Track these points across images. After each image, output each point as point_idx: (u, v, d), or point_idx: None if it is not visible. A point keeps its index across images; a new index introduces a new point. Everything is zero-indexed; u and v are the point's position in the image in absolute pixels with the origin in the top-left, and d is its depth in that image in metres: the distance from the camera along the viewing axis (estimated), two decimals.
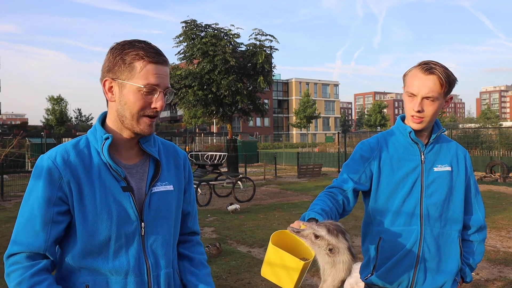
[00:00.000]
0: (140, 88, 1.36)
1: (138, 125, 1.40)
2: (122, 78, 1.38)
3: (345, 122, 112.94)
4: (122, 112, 1.40)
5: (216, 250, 6.12)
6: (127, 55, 1.37)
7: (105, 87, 1.41)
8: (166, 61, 1.42)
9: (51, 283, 1.34)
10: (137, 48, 1.38)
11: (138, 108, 1.38)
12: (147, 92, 1.37)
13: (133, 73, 1.36)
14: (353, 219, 8.45)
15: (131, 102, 1.38)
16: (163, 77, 1.39)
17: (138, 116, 1.39)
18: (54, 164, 1.36)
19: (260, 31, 17.02)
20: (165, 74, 1.40)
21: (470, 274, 1.99)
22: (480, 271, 5.42)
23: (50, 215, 1.34)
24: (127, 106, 1.38)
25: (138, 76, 1.36)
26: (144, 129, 1.41)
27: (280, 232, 1.45)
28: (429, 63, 1.81)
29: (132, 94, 1.37)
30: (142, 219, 1.43)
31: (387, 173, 1.90)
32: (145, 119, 1.40)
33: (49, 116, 49.50)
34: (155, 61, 1.37)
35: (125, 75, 1.37)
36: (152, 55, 1.37)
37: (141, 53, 1.37)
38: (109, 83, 1.41)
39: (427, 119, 1.84)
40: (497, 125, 61.97)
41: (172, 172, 1.56)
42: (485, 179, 16.15)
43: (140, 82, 1.36)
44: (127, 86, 1.37)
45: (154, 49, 1.39)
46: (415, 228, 1.87)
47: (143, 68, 1.36)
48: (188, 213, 1.66)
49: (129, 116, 1.39)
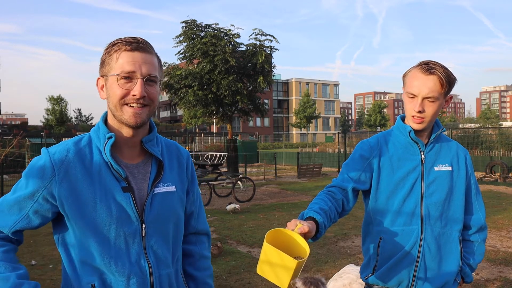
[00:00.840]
0: (116, 77, 1.37)
1: (123, 115, 1.39)
2: (105, 73, 1.40)
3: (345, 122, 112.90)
4: (110, 106, 1.41)
5: (217, 249, 6.11)
6: (110, 50, 1.39)
7: (98, 86, 1.44)
8: (144, 48, 1.39)
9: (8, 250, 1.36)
10: (118, 41, 1.39)
11: (118, 97, 1.38)
12: (123, 78, 1.36)
13: (112, 64, 1.38)
14: (353, 219, 8.45)
15: (112, 93, 1.39)
16: (140, 64, 1.37)
17: (120, 105, 1.39)
18: (50, 161, 1.36)
19: (260, 31, 17.03)
20: (143, 61, 1.38)
21: (471, 274, 1.99)
22: (480, 271, 5.41)
23: (28, 208, 1.37)
24: (110, 97, 1.40)
25: (116, 66, 1.37)
26: (128, 118, 1.39)
27: (275, 230, 1.45)
28: (429, 63, 1.80)
29: (113, 85, 1.38)
30: (143, 220, 1.42)
31: (387, 173, 1.90)
32: (127, 108, 1.38)
33: (49, 116, 49.45)
34: (129, 49, 1.37)
35: (107, 69, 1.39)
36: (127, 44, 1.37)
37: (118, 45, 1.38)
38: (100, 82, 1.44)
39: (427, 119, 1.83)
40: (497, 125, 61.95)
41: (175, 172, 1.55)
42: (485, 179, 16.14)
43: (116, 71, 1.37)
44: (109, 79, 1.39)
45: (133, 38, 1.39)
46: (416, 228, 1.86)
47: (119, 57, 1.37)
48: (191, 213, 1.64)
49: (113, 107, 1.40)
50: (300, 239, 1.44)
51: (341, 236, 7.38)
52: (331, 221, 1.76)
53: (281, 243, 1.43)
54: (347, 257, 6.13)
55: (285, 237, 1.46)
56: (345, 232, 7.65)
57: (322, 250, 6.44)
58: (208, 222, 7.03)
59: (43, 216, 1.39)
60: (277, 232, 1.45)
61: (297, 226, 1.46)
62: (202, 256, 1.66)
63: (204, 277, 1.65)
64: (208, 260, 1.70)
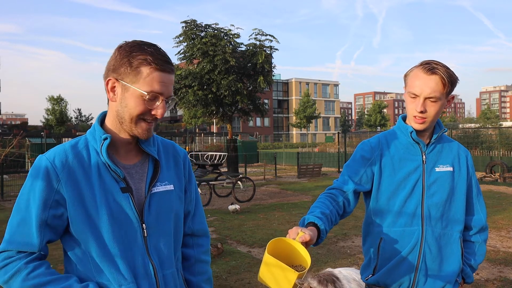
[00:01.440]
0: (143, 94, 1.35)
1: (136, 129, 1.39)
2: (126, 81, 1.36)
3: (345, 122, 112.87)
4: (121, 114, 1.39)
5: (216, 251, 6.11)
6: (134, 58, 1.34)
7: (108, 86, 1.39)
8: (173, 70, 1.40)
9: (48, 266, 1.34)
10: (146, 52, 1.35)
11: (138, 113, 1.37)
12: (149, 99, 1.35)
13: (138, 77, 1.34)
14: (353, 219, 8.44)
15: (132, 106, 1.36)
16: (167, 86, 1.38)
17: (137, 120, 1.38)
18: (52, 166, 1.34)
19: (260, 31, 17.03)
20: (170, 82, 1.39)
21: (472, 275, 1.98)
22: (480, 271, 5.41)
23: (45, 218, 1.33)
24: (127, 109, 1.37)
25: (144, 81, 1.34)
26: (141, 133, 1.40)
27: (277, 240, 1.45)
28: (431, 63, 1.79)
29: (134, 98, 1.36)
30: (143, 221, 1.41)
31: (388, 174, 1.89)
32: (143, 124, 1.39)
33: (49, 116, 49.45)
34: (162, 69, 1.36)
35: (130, 78, 1.35)
36: (160, 63, 1.35)
37: (149, 59, 1.34)
38: (112, 83, 1.39)
39: (429, 119, 1.83)
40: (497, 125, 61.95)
41: (172, 171, 1.54)
42: (485, 179, 16.15)
43: (144, 88, 1.34)
44: (131, 90, 1.36)
45: (163, 56, 1.37)
46: (416, 228, 1.86)
47: (149, 75, 1.34)
48: (188, 212, 1.63)
49: (128, 119, 1.38)
50: (301, 249, 1.43)
51: (341, 236, 7.38)
52: (332, 224, 1.76)
53: (283, 251, 1.43)
54: (347, 257, 6.13)
55: (286, 245, 1.46)
56: (345, 232, 7.65)
57: (322, 250, 6.44)
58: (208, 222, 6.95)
59: (61, 221, 1.36)
60: (279, 241, 1.45)
61: (298, 234, 1.45)
62: (198, 260, 1.64)
63: (199, 282, 1.62)
64: (206, 264, 1.67)
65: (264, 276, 1.41)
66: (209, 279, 1.67)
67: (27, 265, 1.30)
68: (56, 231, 1.36)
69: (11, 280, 1.30)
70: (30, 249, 1.32)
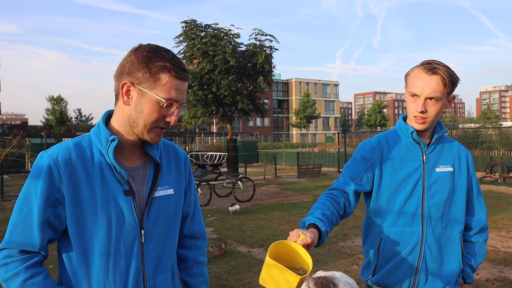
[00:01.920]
0: (161, 101, 1.35)
1: (148, 134, 1.39)
2: (144, 86, 1.35)
3: (345, 122, 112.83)
4: (135, 119, 1.38)
5: (219, 250, 6.12)
6: (153, 64, 1.34)
7: (123, 89, 1.37)
8: (189, 78, 1.42)
9: (46, 276, 1.33)
10: (164, 59, 1.35)
11: (153, 120, 1.37)
12: (166, 106, 1.36)
13: (158, 84, 1.34)
14: (353, 219, 8.44)
15: (147, 112, 1.36)
16: (183, 93, 1.39)
17: (151, 127, 1.38)
18: (55, 164, 1.33)
19: (260, 31, 17.03)
20: (185, 90, 1.40)
21: (472, 275, 1.98)
22: (480, 271, 5.41)
23: (47, 216, 1.32)
24: (143, 114, 1.37)
25: (162, 88, 1.34)
26: (154, 138, 1.41)
27: (278, 243, 1.45)
28: (432, 62, 1.79)
29: (151, 105, 1.36)
30: (142, 226, 1.40)
31: (388, 174, 1.89)
32: (156, 130, 1.40)
33: (49, 116, 49.41)
34: (180, 77, 1.37)
35: (148, 84, 1.35)
36: (178, 71, 1.36)
37: (168, 66, 1.35)
38: (127, 87, 1.37)
39: (430, 119, 1.82)
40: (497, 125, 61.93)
41: (173, 174, 1.53)
42: (485, 179, 16.14)
43: (162, 95, 1.34)
44: (148, 96, 1.35)
45: (181, 64, 1.38)
46: (417, 229, 1.85)
47: (168, 82, 1.35)
48: (187, 214, 1.62)
49: (142, 125, 1.38)
50: (303, 252, 1.43)
51: (341, 236, 7.38)
52: (333, 225, 1.75)
53: (284, 254, 1.44)
54: (347, 257, 6.12)
55: (287, 248, 1.46)
56: (345, 232, 7.65)
57: (322, 250, 6.43)
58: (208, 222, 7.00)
59: (61, 220, 1.35)
60: (280, 244, 1.45)
61: (299, 237, 1.45)
62: (196, 262, 1.64)
63: (197, 283, 1.63)
64: (203, 266, 1.67)
65: (266, 279, 1.41)
66: (206, 280, 1.67)
67: (27, 270, 1.30)
68: (56, 231, 1.36)
69: (10, 280, 1.30)
70: (31, 247, 1.32)
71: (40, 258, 1.35)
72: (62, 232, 1.37)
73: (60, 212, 1.34)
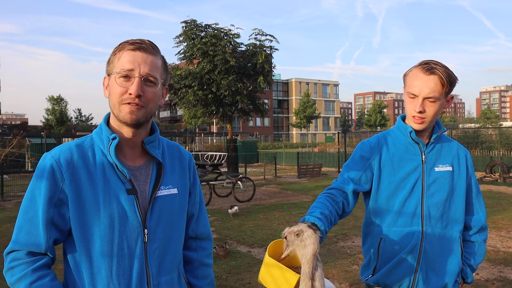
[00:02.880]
0: (116, 75, 1.37)
1: (120, 113, 1.39)
2: (109, 71, 1.41)
3: (345, 122, 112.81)
4: (110, 104, 1.42)
5: (223, 251, 6.11)
6: (115, 50, 1.40)
7: (104, 85, 1.44)
8: (147, 48, 1.39)
9: (53, 278, 1.33)
10: (124, 42, 1.41)
11: (117, 95, 1.38)
12: (122, 77, 1.37)
13: (114, 63, 1.39)
14: (353, 219, 8.44)
15: (112, 91, 1.39)
16: (139, 63, 1.37)
17: (119, 104, 1.38)
18: (57, 164, 1.34)
19: (260, 31, 17.01)
20: (142, 60, 1.38)
21: (472, 275, 1.98)
22: (480, 271, 5.41)
23: (51, 216, 1.32)
24: (111, 96, 1.40)
25: (117, 64, 1.38)
26: (125, 116, 1.38)
27: (277, 241, 1.45)
28: (430, 63, 1.79)
29: (113, 83, 1.39)
30: (145, 226, 1.39)
31: (387, 173, 1.89)
32: (125, 106, 1.38)
33: (49, 116, 49.38)
34: (131, 48, 1.38)
35: (110, 67, 1.41)
36: (131, 43, 1.39)
37: (123, 44, 1.40)
38: (106, 81, 1.44)
39: (428, 119, 1.82)
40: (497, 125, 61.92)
41: (177, 174, 1.53)
42: (485, 179, 16.14)
43: (116, 69, 1.38)
44: (111, 77, 1.40)
45: (138, 39, 1.41)
46: (416, 228, 1.85)
47: (121, 56, 1.38)
48: (192, 215, 1.61)
49: (112, 106, 1.40)
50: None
51: (341, 236, 7.38)
52: (332, 224, 1.76)
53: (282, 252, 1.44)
54: (347, 257, 6.13)
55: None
56: (345, 232, 7.65)
57: (322, 250, 6.43)
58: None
59: (65, 221, 1.35)
60: (278, 242, 1.45)
61: None
62: (201, 264, 1.63)
63: (203, 286, 1.62)
64: (209, 268, 1.66)
65: (264, 277, 1.41)
66: (212, 282, 1.66)
67: (33, 273, 1.30)
68: (61, 231, 1.36)
69: (17, 283, 1.30)
70: (37, 248, 1.32)
71: (47, 260, 1.35)
72: (67, 233, 1.37)
73: (64, 212, 1.34)
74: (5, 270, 1.34)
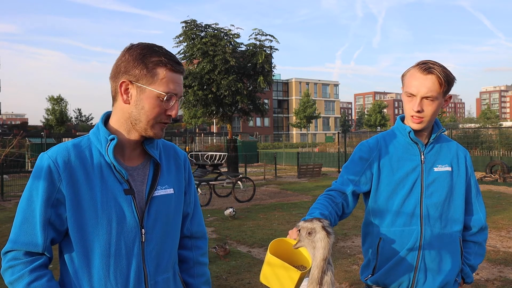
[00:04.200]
0: (160, 95, 1.37)
1: (152, 130, 1.41)
2: (142, 82, 1.37)
3: (345, 122, 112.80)
4: (137, 116, 1.39)
5: (223, 251, 6.11)
6: (148, 60, 1.36)
7: (121, 88, 1.39)
8: (184, 71, 1.45)
9: (50, 278, 1.34)
10: (159, 54, 1.38)
11: (155, 115, 1.39)
12: (166, 99, 1.38)
13: (155, 79, 1.36)
14: (353, 219, 8.45)
15: (149, 108, 1.38)
16: (180, 86, 1.42)
17: (154, 122, 1.40)
18: (54, 164, 1.34)
19: (260, 31, 17.02)
20: (181, 83, 1.44)
21: (471, 275, 1.98)
22: (480, 271, 5.41)
23: (48, 216, 1.33)
24: (144, 111, 1.38)
25: (160, 83, 1.37)
26: (158, 134, 1.42)
27: (278, 240, 1.46)
28: (427, 62, 1.80)
29: (152, 100, 1.37)
30: (142, 225, 1.40)
31: (386, 174, 1.90)
32: (160, 125, 1.42)
33: (49, 116, 49.37)
34: (176, 70, 1.39)
35: (145, 79, 1.36)
36: (174, 64, 1.39)
37: (164, 60, 1.37)
38: (125, 85, 1.38)
39: (426, 119, 1.83)
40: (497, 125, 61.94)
41: (173, 174, 1.54)
42: (485, 179, 16.14)
43: (161, 89, 1.37)
44: (147, 91, 1.37)
45: (175, 58, 1.42)
46: (415, 228, 1.86)
47: (166, 76, 1.37)
48: (187, 214, 1.62)
49: (145, 121, 1.39)
50: (302, 249, 1.44)
51: (341, 236, 7.38)
52: (332, 225, 1.76)
53: (284, 252, 1.44)
54: (347, 257, 6.13)
55: (287, 246, 1.47)
56: (345, 232, 7.65)
57: None
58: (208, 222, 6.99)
59: (62, 220, 1.35)
60: (280, 241, 1.46)
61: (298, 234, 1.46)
62: (197, 263, 1.64)
63: (198, 284, 1.63)
64: (204, 266, 1.67)
65: (267, 276, 1.41)
66: (207, 280, 1.67)
67: (31, 273, 1.31)
68: (58, 231, 1.36)
69: (14, 283, 1.31)
70: (34, 248, 1.33)
71: (45, 260, 1.36)
72: (63, 233, 1.37)
73: (61, 213, 1.34)
74: (2, 270, 1.35)
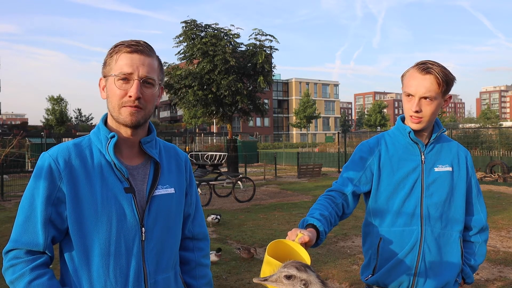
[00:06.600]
0: (115, 78, 1.39)
1: (120, 115, 1.41)
2: (106, 73, 1.42)
3: (345, 122, 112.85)
4: (109, 106, 1.43)
5: (247, 254, 5.92)
6: (111, 52, 1.42)
7: (100, 86, 1.46)
8: (143, 50, 1.41)
9: (51, 277, 1.34)
10: (120, 44, 1.42)
11: (117, 98, 1.39)
12: (121, 80, 1.38)
13: (112, 65, 1.40)
14: (353, 219, 8.44)
15: (111, 94, 1.41)
16: (137, 66, 1.39)
17: (119, 107, 1.40)
18: (55, 163, 1.35)
19: (260, 31, 17.03)
20: (140, 63, 1.40)
21: (472, 275, 1.98)
22: (480, 271, 5.41)
23: (49, 214, 1.33)
24: (110, 98, 1.42)
25: (115, 67, 1.39)
26: (126, 118, 1.40)
27: (277, 241, 1.46)
28: (426, 62, 1.80)
29: (111, 86, 1.40)
30: (143, 224, 1.41)
31: (387, 174, 1.90)
32: (125, 109, 1.40)
33: (49, 116, 49.38)
34: (129, 51, 1.40)
35: (107, 70, 1.42)
36: (127, 46, 1.40)
37: (119, 47, 1.41)
38: (102, 82, 1.45)
39: (426, 119, 1.83)
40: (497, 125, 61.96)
41: (173, 174, 1.54)
42: (485, 179, 16.14)
43: (114, 72, 1.39)
44: (109, 80, 1.41)
45: (134, 41, 1.42)
46: (416, 228, 1.86)
47: (118, 59, 1.39)
48: (188, 216, 1.63)
49: (112, 108, 1.42)
50: (301, 250, 1.44)
51: (341, 236, 7.38)
52: (332, 225, 1.76)
53: (282, 253, 1.44)
54: (347, 257, 6.13)
55: (286, 247, 1.46)
56: (345, 232, 7.65)
57: (322, 250, 6.44)
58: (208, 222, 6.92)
59: (63, 219, 1.36)
60: (278, 243, 1.46)
61: (297, 236, 1.46)
62: (198, 264, 1.64)
63: (200, 286, 1.63)
64: (206, 268, 1.67)
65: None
66: (209, 282, 1.67)
67: (32, 271, 1.31)
68: (59, 230, 1.37)
69: (15, 282, 1.32)
70: (35, 247, 1.33)
71: (46, 259, 1.36)
72: (64, 232, 1.38)
73: (61, 211, 1.35)
74: (4, 269, 1.35)
